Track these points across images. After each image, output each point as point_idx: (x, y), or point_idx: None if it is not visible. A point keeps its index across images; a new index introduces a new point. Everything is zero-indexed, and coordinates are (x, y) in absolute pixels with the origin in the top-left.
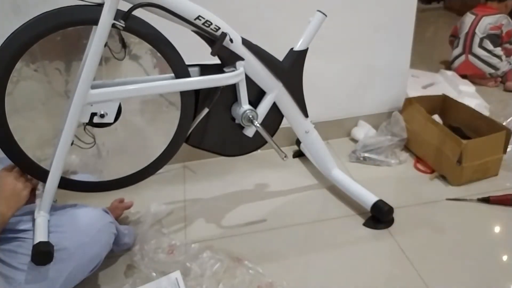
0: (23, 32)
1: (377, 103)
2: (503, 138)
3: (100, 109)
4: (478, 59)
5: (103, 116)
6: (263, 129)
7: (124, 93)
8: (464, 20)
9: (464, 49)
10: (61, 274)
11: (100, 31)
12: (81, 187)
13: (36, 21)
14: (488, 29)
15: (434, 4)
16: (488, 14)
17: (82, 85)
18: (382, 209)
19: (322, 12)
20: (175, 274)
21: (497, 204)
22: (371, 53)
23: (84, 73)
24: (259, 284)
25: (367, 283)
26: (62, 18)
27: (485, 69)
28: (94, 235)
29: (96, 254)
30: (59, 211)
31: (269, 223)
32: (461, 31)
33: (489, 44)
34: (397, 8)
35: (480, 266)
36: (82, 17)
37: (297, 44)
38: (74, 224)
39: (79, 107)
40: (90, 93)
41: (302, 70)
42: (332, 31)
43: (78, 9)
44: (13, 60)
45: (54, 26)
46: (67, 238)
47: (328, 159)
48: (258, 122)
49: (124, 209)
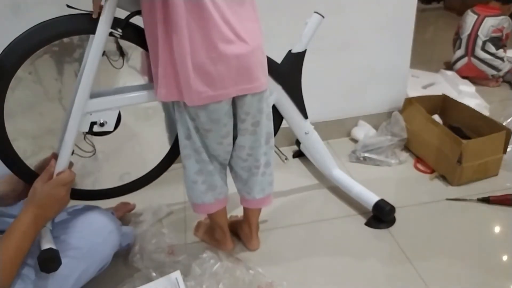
0: (20, 43)
1: (377, 103)
2: (503, 138)
3: (100, 118)
4: (481, 62)
5: (103, 125)
6: None
7: (123, 101)
8: (466, 19)
9: (466, 51)
10: (74, 273)
11: (98, 40)
12: (83, 195)
13: (33, 32)
14: (490, 32)
15: (434, 4)
16: (491, 14)
17: (81, 95)
18: (384, 208)
19: (319, 13)
20: (175, 274)
21: (497, 204)
22: (371, 53)
23: (82, 83)
24: (259, 284)
25: (367, 283)
26: (59, 28)
27: (487, 71)
28: (106, 236)
29: (107, 254)
30: (71, 213)
31: (270, 223)
32: (463, 31)
33: (492, 47)
34: (397, 8)
35: (480, 266)
36: (79, 26)
37: (295, 46)
38: (88, 226)
39: (79, 116)
40: (89, 102)
41: (300, 72)
42: (332, 31)
43: (75, 18)
44: (11, 71)
45: (51, 36)
46: (81, 238)
47: (328, 159)
48: None
49: (126, 211)
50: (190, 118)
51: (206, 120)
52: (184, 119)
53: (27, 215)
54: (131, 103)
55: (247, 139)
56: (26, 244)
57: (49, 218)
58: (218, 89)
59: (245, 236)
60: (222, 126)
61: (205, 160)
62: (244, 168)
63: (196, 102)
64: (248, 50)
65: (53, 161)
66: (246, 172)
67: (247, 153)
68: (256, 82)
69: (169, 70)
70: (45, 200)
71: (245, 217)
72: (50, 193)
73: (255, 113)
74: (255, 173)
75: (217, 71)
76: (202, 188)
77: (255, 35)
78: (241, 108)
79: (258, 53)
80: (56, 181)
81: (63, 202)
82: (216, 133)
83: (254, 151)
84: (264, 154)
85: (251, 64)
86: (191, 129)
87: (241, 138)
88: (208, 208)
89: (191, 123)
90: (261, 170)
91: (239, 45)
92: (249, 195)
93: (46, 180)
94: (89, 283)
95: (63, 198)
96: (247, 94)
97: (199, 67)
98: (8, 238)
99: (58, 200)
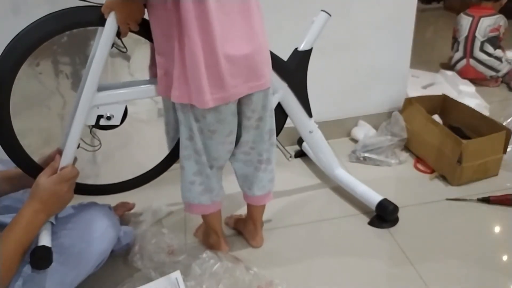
0: (27, 34)
1: (377, 103)
2: (503, 138)
3: (107, 111)
4: (480, 63)
5: (110, 119)
6: None
7: (132, 95)
8: (461, 22)
9: (465, 53)
10: (71, 269)
11: (106, 33)
12: (86, 190)
13: (41, 23)
14: (488, 31)
15: (434, 4)
16: (485, 15)
17: (88, 88)
18: (387, 208)
19: (326, 12)
20: (175, 274)
21: (497, 204)
22: (371, 53)
23: (90, 75)
24: (259, 284)
25: (367, 283)
26: (67, 19)
27: (486, 73)
28: (103, 231)
29: (105, 249)
30: (68, 208)
31: (270, 223)
32: (460, 34)
33: (490, 47)
34: (397, 8)
35: (480, 266)
36: (88, 18)
37: (301, 44)
38: (84, 221)
39: (86, 109)
40: (97, 95)
41: (306, 70)
42: (332, 31)
43: (84, 10)
44: (18, 63)
45: (59, 28)
46: (78, 234)
47: (331, 158)
48: None
49: (126, 210)
50: (195, 120)
51: (212, 121)
52: (188, 120)
53: (29, 210)
54: (139, 97)
55: (251, 134)
56: (27, 239)
57: (52, 214)
58: (230, 89)
59: (249, 233)
60: (227, 125)
61: (203, 163)
62: (247, 163)
63: (209, 105)
64: (255, 48)
65: (58, 156)
66: (248, 167)
67: (250, 147)
68: (263, 79)
69: (183, 72)
70: (47, 196)
71: (249, 213)
72: (52, 189)
73: (260, 110)
74: (257, 168)
75: (228, 71)
76: (199, 189)
77: (260, 32)
78: (248, 106)
79: (264, 50)
80: (58, 177)
81: (66, 198)
82: (220, 133)
83: (256, 145)
84: (266, 150)
85: (258, 61)
86: (194, 130)
87: (245, 134)
88: (204, 209)
89: (196, 124)
90: (262, 166)
91: (247, 43)
92: (250, 191)
93: (50, 175)
94: (89, 283)
95: (65, 194)
96: (255, 92)
97: (211, 69)
98: (9, 232)
99: (60, 196)
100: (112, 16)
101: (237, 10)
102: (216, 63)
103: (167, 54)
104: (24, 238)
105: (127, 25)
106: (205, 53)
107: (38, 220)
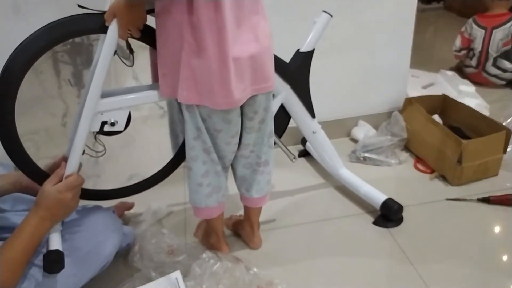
0: (32, 42)
1: (377, 103)
2: (503, 138)
3: (111, 118)
4: (491, 76)
5: (114, 124)
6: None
7: (135, 100)
8: (474, 33)
9: (478, 65)
10: (77, 272)
11: (109, 39)
12: (91, 195)
13: (45, 31)
14: (501, 46)
15: (434, 4)
16: (497, 25)
17: (92, 94)
18: (392, 207)
19: (328, 13)
20: (175, 274)
21: (497, 204)
22: (371, 53)
23: (94, 82)
24: (259, 284)
25: (367, 283)
26: (70, 27)
27: (497, 82)
28: (108, 235)
29: (109, 253)
30: (74, 212)
31: (270, 223)
32: (475, 46)
33: (504, 62)
34: (397, 8)
35: (480, 266)
36: (90, 26)
37: (303, 45)
38: (90, 225)
39: (90, 116)
40: (101, 102)
41: (308, 71)
42: (332, 31)
43: (86, 17)
44: (23, 71)
45: (62, 36)
46: (84, 237)
47: (335, 158)
48: None
49: (125, 210)
50: (201, 119)
51: (218, 121)
52: (195, 120)
53: (34, 217)
54: (143, 102)
55: (252, 137)
56: (32, 245)
57: (57, 221)
58: (240, 93)
59: (247, 235)
60: (233, 126)
61: (214, 161)
62: (246, 165)
63: (222, 106)
64: (261, 49)
65: (63, 164)
66: (247, 169)
67: (250, 150)
68: (270, 81)
69: (190, 73)
70: (52, 204)
71: (246, 215)
72: (57, 197)
73: (262, 111)
74: (255, 171)
75: (237, 72)
76: (206, 190)
77: (266, 34)
78: (251, 107)
79: (269, 52)
80: (63, 185)
81: (70, 206)
82: (226, 133)
83: (256, 147)
84: (265, 153)
85: (264, 63)
86: (201, 130)
87: (247, 136)
88: (211, 212)
89: (202, 123)
90: (261, 169)
91: (254, 45)
92: (248, 192)
93: (55, 183)
94: (89, 283)
95: (70, 202)
96: (259, 93)
97: (222, 72)
98: (15, 239)
99: (65, 204)
100: (114, 23)
101: (247, 12)
102: (227, 66)
103: (172, 56)
104: (30, 245)
105: (128, 31)
106: (217, 56)
107: (43, 227)
